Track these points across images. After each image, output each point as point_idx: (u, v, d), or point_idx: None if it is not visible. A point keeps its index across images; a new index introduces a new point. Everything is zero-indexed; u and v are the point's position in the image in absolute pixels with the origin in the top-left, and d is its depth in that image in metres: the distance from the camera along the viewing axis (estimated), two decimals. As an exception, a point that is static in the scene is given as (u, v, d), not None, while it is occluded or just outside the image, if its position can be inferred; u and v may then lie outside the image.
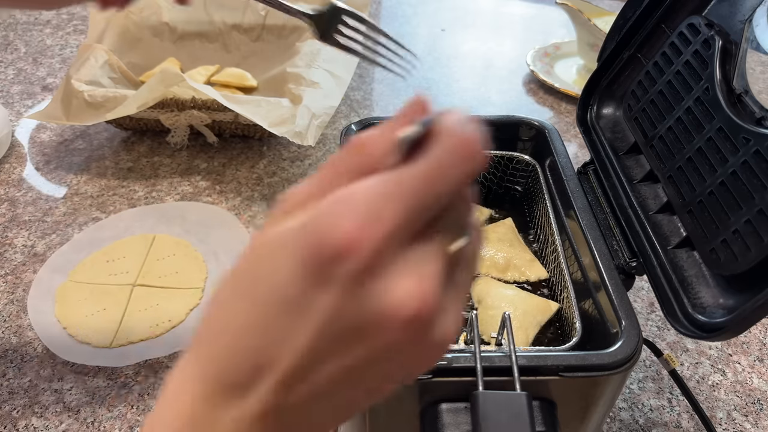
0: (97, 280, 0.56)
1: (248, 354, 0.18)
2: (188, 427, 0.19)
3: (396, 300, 0.17)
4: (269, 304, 0.18)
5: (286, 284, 0.17)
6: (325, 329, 0.17)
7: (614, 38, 0.44)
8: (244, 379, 0.18)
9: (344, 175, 0.18)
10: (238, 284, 0.20)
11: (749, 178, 0.32)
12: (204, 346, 0.20)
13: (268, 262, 0.18)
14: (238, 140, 0.76)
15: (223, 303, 0.20)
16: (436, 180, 0.17)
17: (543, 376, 0.32)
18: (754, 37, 0.36)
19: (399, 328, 0.17)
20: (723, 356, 0.52)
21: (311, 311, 0.17)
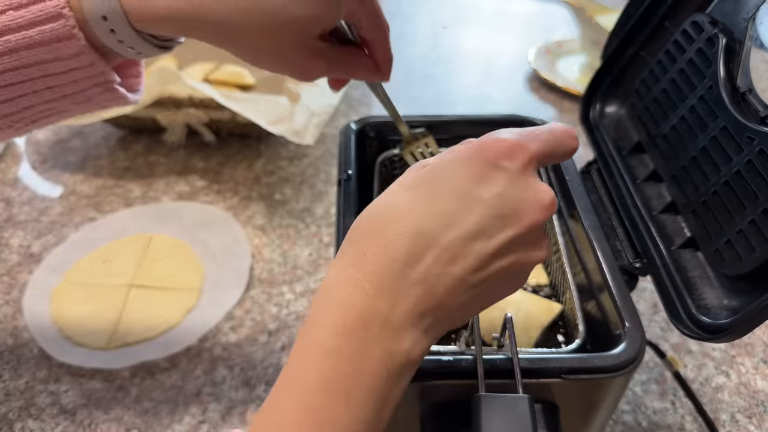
0: (94, 280, 0.56)
1: (414, 235, 0.24)
2: (354, 300, 0.23)
3: (542, 190, 0.25)
4: (445, 196, 0.24)
5: (464, 178, 0.24)
6: (495, 206, 0.24)
7: (617, 36, 0.43)
8: (414, 252, 0.23)
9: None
10: (409, 187, 0.25)
11: (753, 178, 0.32)
12: (361, 234, 0.25)
13: (437, 171, 0.25)
14: (235, 139, 0.75)
15: (395, 203, 0.25)
16: (555, 139, 0.27)
17: (545, 379, 0.32)
18: (757, 35, 0.36)
19: (544, 208, 0.25)
20: (727, 358, 0.51)
21: (483, 195, 0.24)
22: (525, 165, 0.25)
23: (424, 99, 0.86)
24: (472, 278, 0.24)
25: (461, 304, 0.24)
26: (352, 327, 0.23)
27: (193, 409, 0.46)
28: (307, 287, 0.57)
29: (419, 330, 0.24)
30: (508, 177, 0.24)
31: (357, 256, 0.24)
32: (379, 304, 0.23)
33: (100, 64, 0.31)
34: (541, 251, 0.26)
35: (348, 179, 0.43)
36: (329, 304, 0.24)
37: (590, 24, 0.88)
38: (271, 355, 0.50)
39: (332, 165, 0.72)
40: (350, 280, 0.24)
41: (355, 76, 0.37)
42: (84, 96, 0.32)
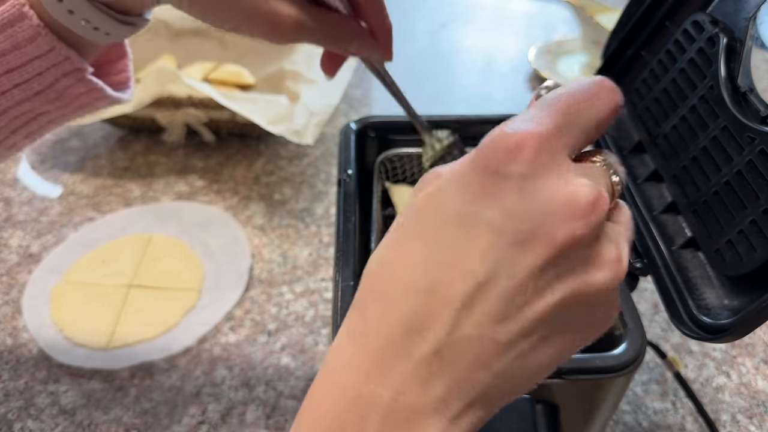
0: (93, 280, 0.56)
1: (419, 293, 0.18)
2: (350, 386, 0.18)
3: (570, 190, 0.17)
4: (448, 232, 0.18)
5: (465, 202, 0.18)
6: (506, 230, 0.17)
7: (618, 35, 0.43)
8: (422, 315, 0.18)
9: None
10: (406, 229, 0.19)
11: (754, 178, 0.31)
12: (366, 297, 0.19)
13: (434, 198, 0.19)
14: (235, 139, 0.75)
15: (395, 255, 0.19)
16: (582, 103, 0.19)
17: (546, 379, 0.32)
18: (758, 35, 0.35)
19: (576, 213, 0.17)
20: (728, 358, 0.51)
21: (489, 218, 0.17)
22: (535, 160, 0.17)
23: (423, 98, 0.86)
24: (500, 335, 0.17)
25: (501, 373, 0.18)
26: (343, 425, 0.18)
27: (193, 410, 0.46)
28: (306, 287, 0.56)
29: (444, 419, 0.17)
30: (517, 184, 0.17)
31: (357, 323, 0.19)
32: (379, 392, 0.17)
33: (62, 49, 0.28)
34: (601, 270, 0.18)
35: (348, 179, 0.43)
36: (322, 386, 0.19)
37: (591, 23, 0.88)
38: (270, 355, 0.50)
39: (332, 165, 0.72)
40: (345, 355, 0.19)
41: (344, 46, 0.31)
42: (55, 91, 0.30)
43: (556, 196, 0.17)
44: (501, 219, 0.17)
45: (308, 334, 0.52)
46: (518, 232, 0.17)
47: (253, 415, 0.46)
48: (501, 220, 0.17)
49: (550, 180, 0.17)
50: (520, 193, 0.17)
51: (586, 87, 0.19)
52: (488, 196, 0.18)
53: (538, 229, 0.17)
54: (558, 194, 0.17)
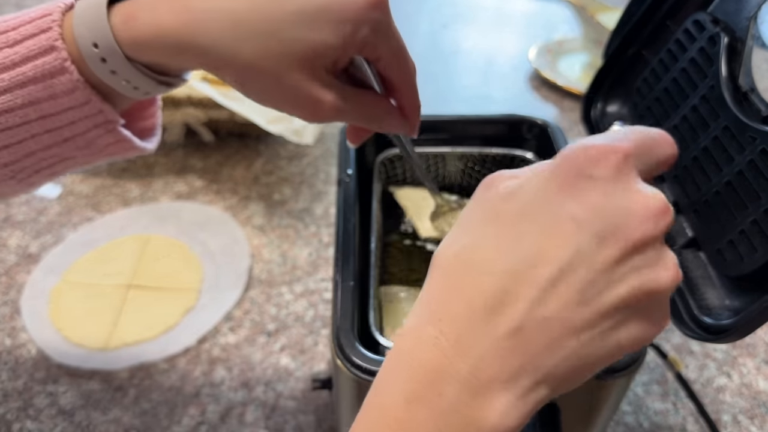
0: (92, 281, 0.55)
1: (503, 274, 0.19)
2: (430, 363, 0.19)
3: (648, 195, 0.20)
4: (531, 223, 0.20)
5: (550, 198, 0.20)
6: (589, 224, 0.19)
7: (619, 35, 0.43)
8: (501, 297, 0.19)
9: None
10: (483, 220, 0.21)
11: (755, 178, 0.31)
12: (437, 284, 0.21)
13: (515, 192, 0.21)
14: (234, 138, 0.75)
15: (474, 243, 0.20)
16: (650, 139, 0.22)
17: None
18: (759, 34, 0.35)
19: (652, 217, 0.19)
20: (729, 359, 0.51)
21: (574, 213, 0.19)
22: (619, 169, 0.20)
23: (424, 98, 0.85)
24: (575, 319, 0.19)
25: (570, 355, 0.19)
26: (424, 393, 0.19)
27: (192, 410, 0.46)
28: (306, 288, 0.56)
29: (512, 394, 0.19)
30: (602, 186, 0.19)
31: (434, 310, 0.20)
32: (457, 364, 0.19)
33: (97, 102, 0.29)
34: (667, 270, 0.20)
35: (348, 179, 0.42)
36: (399, 366, 0.20)
37: (591, 23, 0.87)
38: (270, 356, 0.50)
39: (332, 165, 0.72)
40: (425, 337, 0.20)
41: (375, 124, 0.33)
42: (85, 140, 0.30)
43: (634, 200, 0.20)
44: (585, 213, 0.19)
45: (308, 335, 0.52)
46: (599, 228, 0.19)
47: (252, 415, 0.46)
48: (585, 214, 0.19)
49: (629, 188, 0.20)
50: (604, 193, 0.19)
51: (654, 132, 0.22)
52: (574, 192, 0.20)
53: (618, 227, 0.19)
54: (636, 199, 0.20)
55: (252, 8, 0.27)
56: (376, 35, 0.29)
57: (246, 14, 0.27)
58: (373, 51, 0.29)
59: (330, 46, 0.28)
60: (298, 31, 0.27)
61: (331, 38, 0.27)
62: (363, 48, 0.29)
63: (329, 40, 0.27)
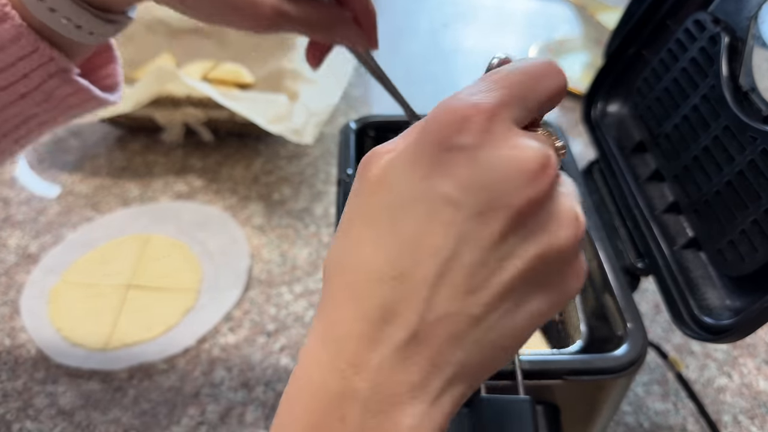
0: (91, 281, 0.55)
1: (385, 281, 0.18)
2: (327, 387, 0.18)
3: (521, 155, 0.17)
4: (404, 212, 0.18)
5: (418, 178, 0.18)
6: (464, 202, 0.17)
7: (619, 34, 0.43)
8: (389, 302, 0.17)
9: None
10: (358, 218, 0.19)
11: (756, 178, 0.31)
12: (329, 299, 0.19)
13: (383, 180, 0.19)
14: (234, 138, 0.75)
15: (352, 245, 0.19)
16: (529, 79, 0.19)
17: (547, 380, 0.31)
18: (760, 34, 0.35)
19: (530, 177, 0.17)
20: (729, 359, 0.51)
21: (445, 192, 0.17)
22: (485, 130, 0.17)
23: (424, 97, 0.85)
24: (471, 308, 0.18)
25: (476, 345, 0.18)
26: (324, 420, 0.17)
27: (192, 411, 0.46)
28: (306, 288, 0.56)
29: (422, 402, 0.17)
30: (469, 155, 0.17)
31: (327, 328, 0.19)
32: (356, 384, 0.17)
33: (46, 49, 0.28)
34: (563, 227, 0.18)
35: (348, 179, 0.42)
36: (298, 393, 0.19)
37: (592, 22, 0.87)
38: (269, 356, 0.50)
39: (332, 165, 0.72)
40: (320, 360, 0.18)
41: (326, 33, 0.31)
42: (42, 93, 0.30)
43: (508, 163, 0.17)
44: (458, 192, 0.17)
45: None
46: (477, 204, 0.17)
47: (252, 415, 0.46)
48: (458, 193, 0.17)
49: (501, 149, 0.17)
50: (473, 164, 0.17)
51: (535, 65, 0.19)
52: (441, 170, 0.17)
53: (496, 198, 0.17)
54: (510, 161, 0.17)
55: None
56: None
57: None
58: None
59: None
60: None
61: None
62: None
63: None
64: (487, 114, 0.18)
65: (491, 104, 0.18)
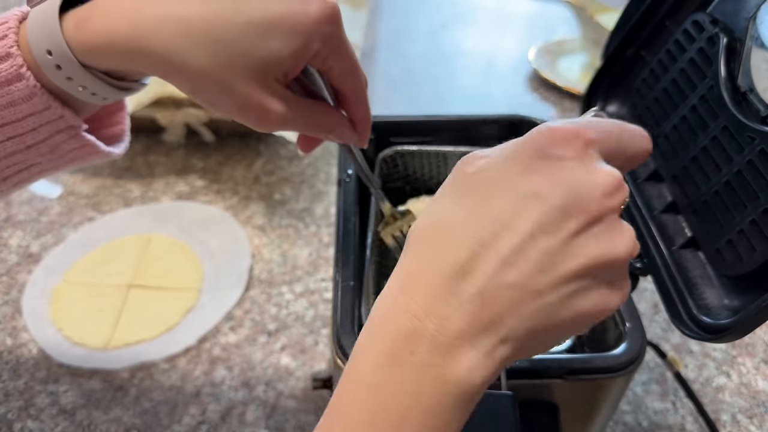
0: (93, 280, 0.56)
1: (469, 245, 0.21)
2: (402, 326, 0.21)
3: (607, 173, 0.22)
4: (497, 197, 0.21)
5: (516, 173, 0.21)
6: (553, 197, 0.21)
7: (618, 35, 0.43)
8: (466, 262, 0.20)
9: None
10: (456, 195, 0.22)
11: (754, 178, 0.31)
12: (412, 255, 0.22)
13: (485, 170, 0.22)
14: (235, 138, 0.75)
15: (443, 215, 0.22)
16: (623, 133, 0.23)
17: (546, 379, 0.32)
18: (758, 35, 0.35)
19: (610, 193, 0.21)
20: (728, 358, 0.51)
21: (538, 188, 0.21)
22: (583, 151, 0.21)
23: (424, 98, 0.86)
24: (537, 284, 0.20)
25: (531, 317, 0.21)
26: (397, 354, 0.20)
27: (193, 410, 0.46)
28: (306, 287, 0.56)
29: (478, 351, 0.20)
30: (565, 165, 0.21)
31: (406, 279, 0.21)
32: (426, 324, 0.20)
33: (57, 108, 0.29)
34: (623, 239, 0.21)
35: (348, 179, 0.43)
36: (374, 332, 0.21)
37: (591, 23, 0.87)
38: (270, 355, 0.50)
39: (332, 165, 0.72)
40: (398, 305, 0.21)
41: (324, 133, 0.33)
42: (48, 146, 0.30)
43: (594, 177, 0.21)
44: (547, 188, 0.21)
45: (308, 334, 0.52)
46: (561, 202, 0.21)
47: (253, 415, 0.46)
48: (547, 189, 0.21)
49: (590, 167, 0.21)
50: (566, 170, 0.21)
51: (631, 127, 0.24)
52: (537, 170, 0.21)
53: (579, 200, 0.21)
54: (595, 176, 0.21)
55: (204, 16, 0.27)
56: (328, 48, 0.29)
57: (198, 22, 0.27)
58: (324, 63, 0.30)
59: (281, 58, 0.28)
60: (250, 42, 0.27)
61: (282, 50, 0.28)
62: (314, 60, 0.29)
63: (280, 52, 0.28)
64: (585, 140, 0.21)
65: (591, 135, 0.22)
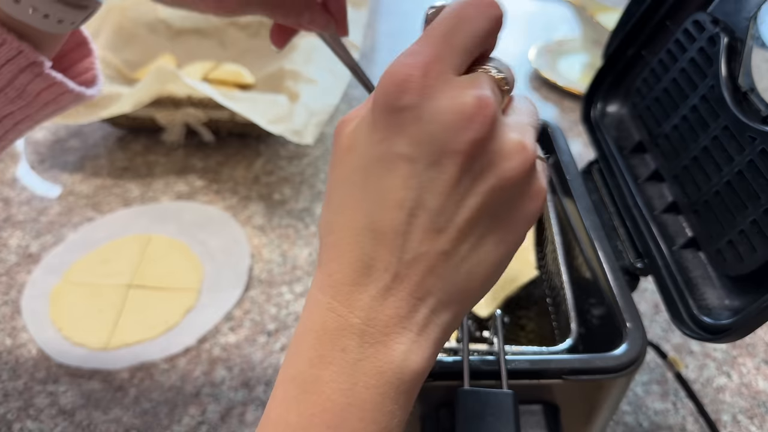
0: (92, 281, 0.56)
1: (364, 233, 0.20)
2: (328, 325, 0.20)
3: (457, 100, 0.19)
4: (369, 172, 0.20)
5: (377, 141, 0.20)
6: (418, 155, 0.19)
7: (619, 35, 0.43)
8: (369, 250, 0.20)
9: None
10: (337, 182, 0.22)
11: (755, 178, 0.31)
12: (323, 254, 0.21)
13: (350, 146, 0.21)
14: (234, 139, 0.75)
15: (334, 206, 0.21)
16: (459, 22, 0.21)
17: (546, 380, 0.32)
18: (759, 34, 0.35)
19: (469, 118, 0.19)
20: (728, 358, 0.51)
21: (401, 150, 0.20)
22: (424, 86, 0.19)
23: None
24: (441, 245, 0.20)
25: (453, 275, 0.20)
26: (328, 352, 0.20)
27: (192, 410, 0.46)
28: (306, 287, 0.56)
29: (411, 332, 0.20)
30: (414, 112, 0.19)
31: (322, 277, 0.21)
32: (351, 320, 0.20)
33: (14, 41, 0.27)
34: (508, 160, 0.20)
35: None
36: (303, 335, 0.21)
37: (591, 23, 0.87)
38: (270, 355, 0.50)
39: (332, 164, 0.72)
40: (320, 304, 0.21)
41: (295, 17, 0.31)
42: (14, 89, 0.29)
43: (448, 112, 0.19)
44: (411, 148, 0.20)
45: (308, 335, 0.52)
46: (429, 155, 0.19)
47: (252, 415, 0.46)
48: (411, 149, 0.20)
49: (441, 100, 0.19)
50: (419, 120, 0.19)
51: (462, 7, 0.21)
52: (394, 130, 0.20)
53: (443, 147, 0.19)
54: (448, 111, 0.19)
55: None
56: None
57: None
58: None
59: None
60: None
61: None
62: None
63: None
64: (421, 71, 0.19)
65: (424, 61, 0.20)
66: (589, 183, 0.45)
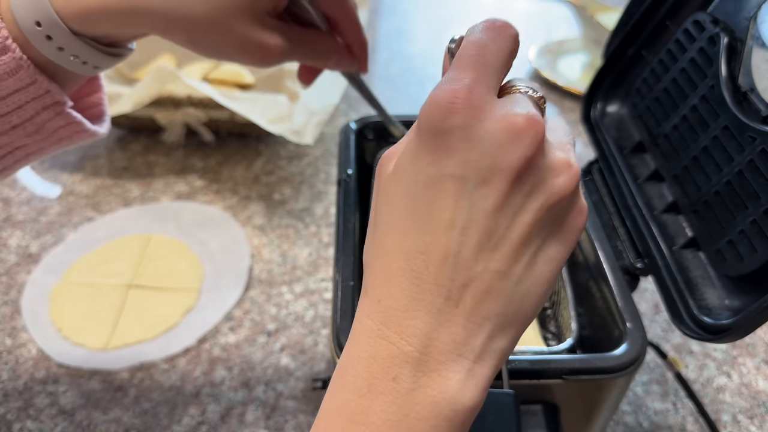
0: (92, 281, 0.55)
1: (416, 256, 0.20)
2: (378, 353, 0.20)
3: (507, 119, 0.20)
4: (418, 195, 0.20)
5: (425, 164, 0.20)
6: (467, 175, 0.19)
7: (619, 35, 0.43)
8: (420, 275, 0.20)
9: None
10: (384, 211, 0.21)
11: (755, 178, 0.31)
12: (370, 281, 0.21)
13: (397, 175, 0.21)
14: (234, 138, 0.75)
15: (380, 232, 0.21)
16: (484, 47, 0.21)
17: (546, 380, 0.31)
18: (759, 34, 0.35)
19: (518, 138, 0.19)
20: (728, 358, 0.51)
21: (450, 171, 0.19)
22: (469, 108, 0.20)
23: (424, 98, 0.86)
24: (496, 264, 0.20)
25: (509, 297, 0.20)
26: (378, 382, 0.19)
27: (192, 410, 0.46)
28: (306, 287, 0.56)
29: (467, 360, 0.19)
30: (461, 134, 0.19)
31: (370, 303, 0.21)
32: (404, 348, 0.19)
33: (44, 82, 0.28)
34: (558, 176, 0.20)
35: (348, 179, 0.42)
36: (349, 364, 0.20)
37: (591, 23, 0.87)
38: (270, 355, 0.50)
39: (332, 165, 0.72)
40: (369, 331, 0.20)
41: (323, 61, 0.33)
42: (34, 125, 0.30)
43: (499, 130, 0.19)
44: (460, 168, 0.19)
45: (308, 335, 0.52)
46: (478, 174, 0.19)
47: (252, 415, 0.46)
48: (460, 168, 0.19)
49: (487, 120, 0.20)
50: (469, 139, 0.19)
51: (484, 35, 0.22)
52: (442, 153, 0.20)
53: (493, 165, 0.19)
54: (498, 129, 0.19)
55: None
56: None
57: None
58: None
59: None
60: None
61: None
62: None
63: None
64: (465, 93, 0.20)
65: (465, 84, 0.20)
66: (589, 183, 0.45)
